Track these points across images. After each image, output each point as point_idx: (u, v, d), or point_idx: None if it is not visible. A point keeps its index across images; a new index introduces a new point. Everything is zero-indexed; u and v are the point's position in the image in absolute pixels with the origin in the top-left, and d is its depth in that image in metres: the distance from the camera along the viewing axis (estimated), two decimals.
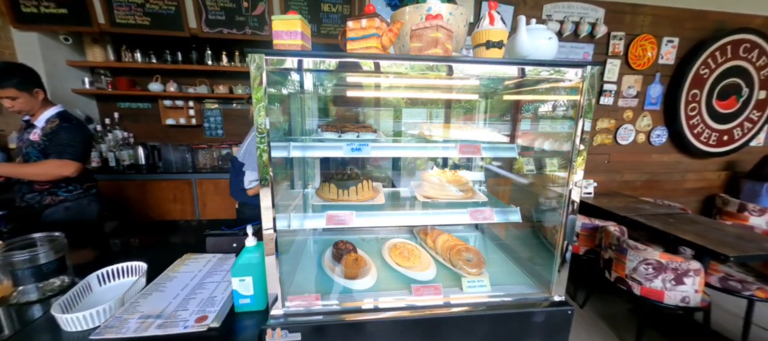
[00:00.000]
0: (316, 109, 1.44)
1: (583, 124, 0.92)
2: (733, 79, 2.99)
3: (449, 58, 0.82)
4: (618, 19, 2.78)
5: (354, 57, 0.77)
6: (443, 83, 1.32)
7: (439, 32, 0.78)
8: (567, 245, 1.00)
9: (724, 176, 3.40)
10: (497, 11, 0.84)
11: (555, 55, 0.92)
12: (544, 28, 0.90)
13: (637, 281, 1.99)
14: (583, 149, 0.93)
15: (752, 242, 1.94)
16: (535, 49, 0.88)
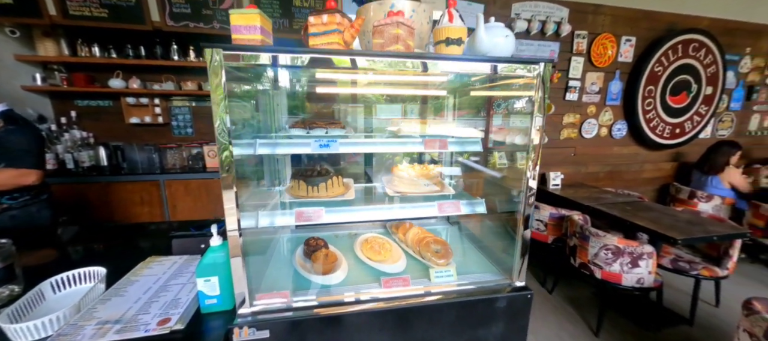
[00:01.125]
0: (288, 105, 1.42)
1: (540, 117, 0.97)
2: (684, 76, 3.23)
3: (408, 54, 0.84)
4: (581, 18, 2.93)
5: (313, 52, 0.78)
6: (412, 80, 1.35)
7: (399, 29, 0.80)
8: (526, 233, 1.05)
9: (676, 166, 3.68)
10: (456, 9, 0.86)
11: (512, 52, 0.96)
12: (501, 26, 0.94)
13: (598, 265, 2.13)
14: (538, 142, 0.98)
15: (698, 226, 2.12)
16: (493, 46, 0.92)
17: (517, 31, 2.79)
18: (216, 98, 0.76)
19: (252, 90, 1.24)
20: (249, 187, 1.18)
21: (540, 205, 2.68)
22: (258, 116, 1.32)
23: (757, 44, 3.47)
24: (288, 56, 0.78)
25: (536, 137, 0.97)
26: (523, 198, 1.03)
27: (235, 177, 0.83)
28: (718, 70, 3.31)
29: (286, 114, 1.39)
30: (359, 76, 1.14)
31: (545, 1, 2.84)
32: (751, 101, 3.63)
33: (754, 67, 3.54)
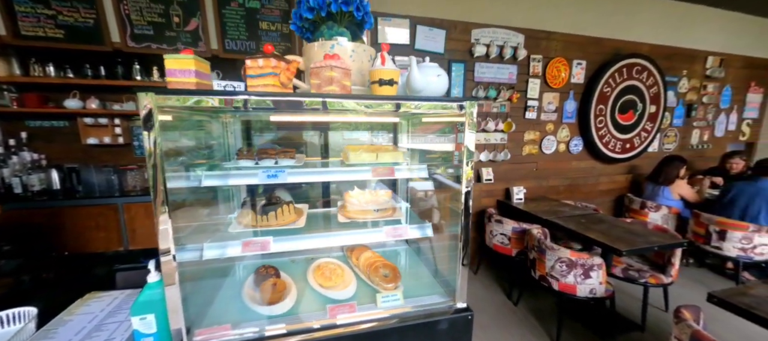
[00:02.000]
0: (245, 132, 1.44)
1: (470, 145, 1.05)
2: (630, 96, 3.52)
3: (337, 95, 0.88)
4: (535, 43, 3.15)
5: (244, 95, 0.81)
6: (364, 110, 1.41)
7: (333, 72, 0.85)
8: (464, 255, 1.11)
9: (631, 178, 3.96)
10: (389, 53, 0.93)
11: (446, 89, 1.04)
12: (435, 66, 1.02)
13: (555, 278, 2.24)
14: (469, 167, 1.05)
15: (641, 237, 2.28)
16: (427, 84, 0.99)
17: (477, 55, 2.95)
18: (149, 141, 0.77)
19: (202, 120, 1.25)
20: (197, 216, 1.18)
21: (503, 219, 2.80)
22: (211, 144, 1.33)
23: (692, 67, 3.85)
24: (227, 98, 0.81)
25: (466, 174, 1.04)
26: (461, 222, 1.10)
27: (175, 208, 0.84)
28: (660, 91, 3.63)
29: (241, 141, 1.40)
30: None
31: (502, 28, 3.03)
32: (691, 118, 3.99)
33: (691, 88, 3.91)
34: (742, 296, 1.52)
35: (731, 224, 2.78)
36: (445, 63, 2.95)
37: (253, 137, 1.51)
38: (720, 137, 4.24)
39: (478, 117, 3.11)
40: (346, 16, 1.04)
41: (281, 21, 2.66)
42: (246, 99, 0.80)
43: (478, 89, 3.04)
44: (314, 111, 0.98)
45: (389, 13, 2.73)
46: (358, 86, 1.06)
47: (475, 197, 3.24)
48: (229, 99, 0.81)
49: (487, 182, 3.22)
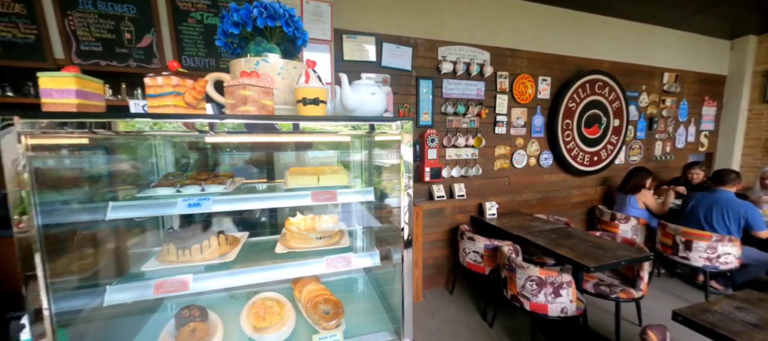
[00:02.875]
0: (178, 156, 1.32)
1: (407, 163, 0.97)
2: (594, 111, 3.62)
3: (245, 116, 0.78)
4: (501, 61, 3.20)
5: (133, 116, 0.70)
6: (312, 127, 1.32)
7: (247, 90, 0.76)
8: (407, 284, 1.02)
9: (603, 190, 4.02)
10: (313, 69, 0.86)
11: (382, 108, 0.97)
12: (370, 84, 0.96)
13: (526, 297, 2.17)
14: (408, 188, 0.98)
15: (609, 251, 2.26)
16: (361, 102, 0.92)
17: (444, 71, 2.96)
18: (17, 170, 0.65)
19: (121, 143, 1.13)
20: (111, 250, 1.04)
21: (475, 236, 2.73)
22: (138, 168, 1.20)
23: (650, 83, 4.03)
24: (119, 121, 0.70)
25: (404, 195, 0.97)
26: (402, 249, 1.01)
27: (73, 244, 0.71)
28: (622, 105, 3.76)
29: (174, 166, 1.28)
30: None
31: (468, 46, 3.07)
32: (653, 131, 4.15)
33: (651, 102, 4.08)
34: (706, 313, 1.49)
35: (695, 234, 2.83)
36: (413, 80, 2.94)
37: (188, 160, 1.38)
38: (681, 148, 4.42)
39: (448, 133, 3.10)
40: (276, 32, 0.97)
41: None
42: (156, 121, 0.69)
43: (447, 104, 3.04)
44: (240, 133, 0.88)
45: (354, 31, 2.71)
46: (288, 106, 0.97)
47: (448, 214, 3.18)
48: (133, 121, 0.70)
49: (460, 198, 3.18)
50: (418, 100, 2.96)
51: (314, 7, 2.38)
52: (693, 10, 3.57)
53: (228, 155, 1.53)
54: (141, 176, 1.20)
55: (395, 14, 2.81)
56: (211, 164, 1.47)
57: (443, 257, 3.21)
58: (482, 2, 3.08)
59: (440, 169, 2.98)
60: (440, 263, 3.22)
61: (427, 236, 3.10)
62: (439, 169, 2.97)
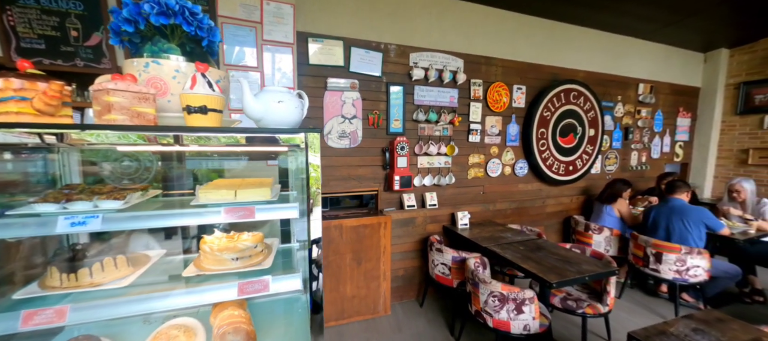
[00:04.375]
0: (84, 166, 1.19)
1: (313, 175, 0.88)
2: (569, 120, 3.60)
3: (95, 126, 0.67)
4: (475, 68, 3.16)
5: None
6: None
7: (112, 96, 0.66)
8: (314, 312, 0.92)
9: (579, 200, 4.00)
10: (203, 74, 0.76)
11: (294, 117, 0.88)
12: (277, 91, 0.86)
13: (489, 313, 2.08)
14: (313, 203, 0.88)
15: (575, 266, 2.20)
16: (266, 112, 0.83)
17: (415, 78, 2.89)
18: None
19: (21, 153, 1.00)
20: None
21: (443, 248, 2.65)
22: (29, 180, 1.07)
23: (625, 93, 4.05)
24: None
25: (310, 204, 0.87)
26: (308, 277, 0.91)
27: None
28: (597, 115, 3.75)
29: (79, 177, 1.15)
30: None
31: (441, 52, 3.02)
32: (629, 141, 4.16)
33: (627, 112, 4.09)
34: (662, 335, 1.42)
35: (666, 246, 2.80)
36: (383, 85, 2.86)
37: (101, 170, 1.26)
38: (657, 158, 4.44)
39: (420, 140, 3.03)
40: (177, 31, 0.87)
41: None
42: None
43: (419, 111, 2.96)
44: (120, 144, 0.78)
45: (321, 34, 2.62)
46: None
47: (419, 224, 3.09)
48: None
49: (432, 208, 3.10)
50: (388, 106, 2.88)
51: (275, 9, 2.28)
52: (666, 22, 3.60)
53: (155, 163, 1.40)
54: (35, 187, 1.07)
55: (365, 19, 2.74)
56: (137, 173, 1.35)
57: (414, 268, 3.12)
58: (456, 9, 3.04)
59: (411, 177, 2.89)
60: (411, 274, 3.12)
61: (397, 246, 3.01)
62: (410, 177, 2.88)
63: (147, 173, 1.58)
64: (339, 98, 2.73)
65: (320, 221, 0.91)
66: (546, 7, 3.22)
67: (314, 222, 0.88)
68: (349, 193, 2.87)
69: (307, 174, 0.86)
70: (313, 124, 2.66)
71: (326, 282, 2.62)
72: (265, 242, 1.18)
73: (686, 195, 3.00)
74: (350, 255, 2.67)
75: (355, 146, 2.83)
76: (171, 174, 1.43)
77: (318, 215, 0.90)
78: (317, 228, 0.89)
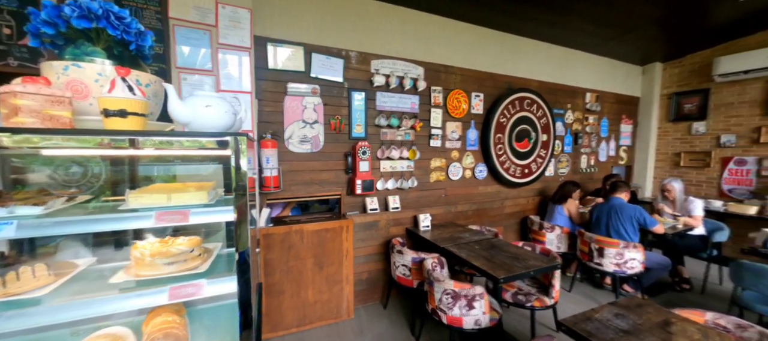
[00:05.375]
0: (13, 171, 1.13)
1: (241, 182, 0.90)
2: (524, 126, 3.84)
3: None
4: (435, 76, 3.29)
5: None
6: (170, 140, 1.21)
7: (21, 99, 0.66)
8: (248, 323, 0.94)
9: (535, 201, 4.25)
10: (124, 78, 0.77)
11: (224, 122, 0.90)
12: (206, 95, 0.88)
13: (443, 310, 2.17)
14: (243, 207, 0.91)
15: (523, 262, 2.35)
16: (194, 116, 0.84)
17: (377, 84, 2.97)
18: None
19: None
20: None
21: (404, 250, 2.72)
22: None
23: (574, 101, 4.39)
24: None
25: (236, 213, 0.90)
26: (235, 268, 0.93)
27: None
28: (549, 121, 4.03)
29: (6, 184, 1.09)
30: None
31: (402, 60, 3.12)
32: (578, 145, 4.49)
33: (576, 119, 4.43)
34: (587, 321, 1.56)
35: (606, 241, 3.05)
36: (345, 91, 2.91)
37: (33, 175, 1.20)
38: (604, 161, 4.83)
39: (382, 145, 3.10)
40: (103, 35, 0.86)
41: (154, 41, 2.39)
42: None
43: (381, 117, 3.04)
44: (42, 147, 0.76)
45: (281, 40, 2.63)
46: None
47: (382, 227, 3.15)
48: None
49: (395, 210, 3.17)
50: (350, 111, 2.93)
51: (231, 13, 2.27)
52: (607, 37, 3.96)
53: (105, 170, 1.35)
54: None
55: (326, 26, 2.78)
56: (84, 179, 1.29)
57: (378, 270, 3.16)
58: (416, 19, 3.16)
59: (373, 181, 2.95)
60: (375, 277, 3.16)
61: (360, 249, 3.04)
62: (372, 181, 2.94)
63: (95, 180, 1.51)
64: (300, 102, 2.74)
65: (248, 227, 0.93)
66: (500, 20, 3.45)
67: (244, 227, 0.90)
68: (311, 197, 2.87)
69: (235, 178, 0.88)
70: (273, 128, 2.65)
71: (287, 287, 2.60)
72: (204, 246, 1.18)
73: (626, 194, 3.30)
74: (312, 260, 2.67)
75: (317, 151, 2.85)
76: (123, 180, 1.39)
77: (248, 219, 0.92)
78: (246, 234, 0.91)
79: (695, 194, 4.50)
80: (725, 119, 4.34)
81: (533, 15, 3.33)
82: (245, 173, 0.89)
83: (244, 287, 0.93)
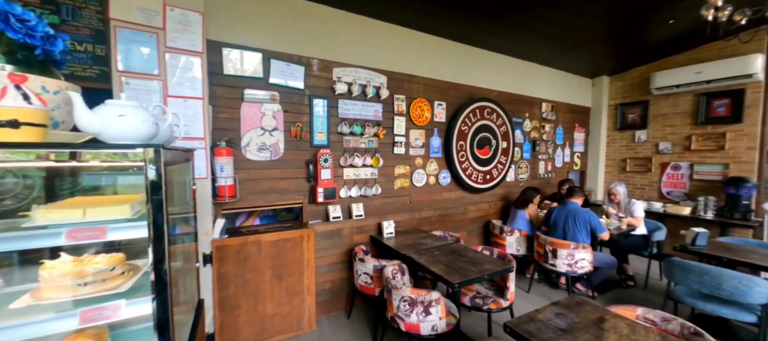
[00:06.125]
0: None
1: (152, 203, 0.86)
2: (485, 134, 4.00)
3: None
4: (398, 85, 3.35)
5: None
6: None
7: None
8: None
9: (501, 205, 4.42)
10: (18, 86, 0.71)
11: (139, 132, 0.86)
12: (119, 105, 0.84)
13: (401, 318, 2.18)
14: (156, 223, 0.87)
15: (478, 266, 2.42)
16: (105, 127, 0.80)
17: (339, 92, 2.97)
18: None
19: None
20: None
21: (365, 258, 2.71)
22: None
23: (532, 111, 4.64)
24: None
25: (154, 231, 0.85)
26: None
27: None
28: (508, 129, 4.23)
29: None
30: None
31: (365, 69, 3.15)
32: (536, 152, 4.75)
33: (533, 127, 4.68)
34: (530, 322, 1.64)
35: (559, 243, 3.23)
36: (306, 98, 2.88)
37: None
38: (560, 167, 5.14)
39: (345, 153, 3.09)
40: (4, 38, 0.79)
41: (92, 42, 2.24)
42: None
43: (343, 124, 3.03)
44: None
45: (238, 45, 2.56)
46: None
47: (346, 235, 3.12)
48: None
49: (358, 218, 3.16)
50: (311, 119, 2.90)
51: (181, 16, 2.18)
52: (558, 52, 4.25)
53: (38, 181, 1.23)
54: None
55: (286, 32, 2.75)
56: (15, 191, 1.16)
57: (342, 279, 3.13)
58: (379, 29, 3.21)
59: (335, 189, 2.93)
60: (339, 286, 3.12)
61: (323, 259, 2.99)
62: (334, 189, 2.92)
63: (28, 191, 1.37)
64: (258, 109, 2.67)
65: (164, 238, 0.89)
66: (463, 33, 3.59)
67: (160, 243, 0.86)
68: (270, 207, 2.80)
69: (149, 193, 0.83)
70: (229, 136, 2.56)
71: (243, 301, 2.49)
72: (129, 264, 1.10)
73: (580, 199, 3.51)
74: (270, 271, 2.58)
75: (277, 159, 2.78)
76: (60, 192, 1.27)
77: (164, 235, 0.87)
78: (162, 250, 0.87)
79: (639, 196, 4.90)
80: (662, 128, 4.78)
81: (492, 30, 3.50)
82: (160, 185, 0.84)
83: (161, 307, 0.88)
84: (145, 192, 0.82)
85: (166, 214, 0.86)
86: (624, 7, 3.22)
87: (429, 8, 3.02)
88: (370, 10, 3.05)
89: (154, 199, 0.84)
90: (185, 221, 1.51)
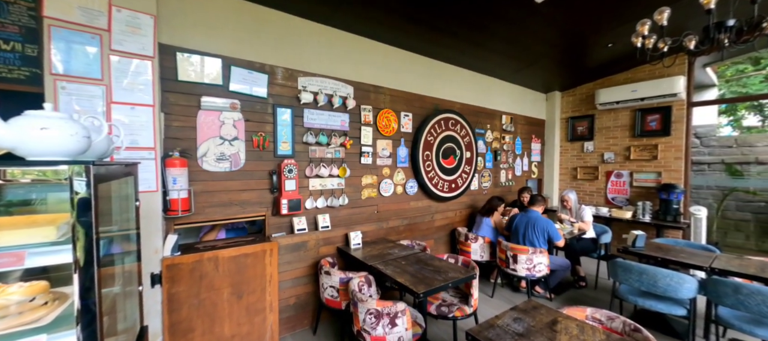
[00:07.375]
0: None
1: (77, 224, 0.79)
2: (450, 144, 4.14)
3: None
4: (365, 95, 3.38)
5: None
6: None
7: None
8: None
9: (466, 213, 4.56)
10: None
11: (66, 147, 0.78)
12: (40, 117, 0.75)
13: (368, 331, 2.15)
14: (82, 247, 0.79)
15: (442, 274, 2.47)
16: (23, 140, 0.71)
17: (304, 101, 2.92)
18: None
19: None
20: None
21: (331, 271, 2.66)
22: None
23: (493, 122, 4.90)
24: None
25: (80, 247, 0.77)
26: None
27: None
28: (472, 140, 4.41)
29: None
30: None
31: (331, 79, 3.13)
32: (498, 161, 5.00)
33: (495, 138, 4.93)
34: (490, 329, 1.69)
35: (518, 249, 3.40)
36: (270, 107, 2.80)
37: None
38: (519, 175, 5.45)
39: (311, 163, 3.03)
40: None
41: (22, 40, 2.00)
42: None
43: (309, 134, 2.98)
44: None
45: (194, 50, 2.43)
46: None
47: (312, 247, 3.04)
48: None
49: (324, 229, 3.09)
50: (275, 128, 2.82)
51: (129, 18, 2.03)
52: (514, 68, 4.55)
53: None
54: None
55: (247, 39, 2.66)
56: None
57: (307, 294, 3.02)
58: (344, 39, 3.23)
59: (300, 200, 2.85)
60: (304, 301, 3.01)
61: (287, 273, 2.88)
62: (299, 200, 2.84)
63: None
64: (216, 118, 2.54)
65: (95, 269, 0.80)
66: (425, 47, 3.72)
67: (88, 270, 0.78)
68: (229, 220, 2.65)
69: (76, 214, 0.75)
70: (183, 145, 2.40)
71: (197, 324, 2.31)
72: (54, 292, 0.98)
73: (541, 208, 3.73)
74: (229, 289, 2.43)
75: (238, 169, 2.66)
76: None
77: (93, 261, 0.79)
78: (89, 277, 0.78)
79: (589, 202, 5.33)
80: (606, 139, 5.27)
81: (454, 45, 3.66)
82: (90, 206, 0.77)
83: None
84: (71, 212, 0.74)
85: (95, 236, 0.77)
86: (570, 29, 3.54)
87: (391, 22, 3.10)
88: (334, 21, 3.06)
89: (82, 220, 0.76)
90: (126, 239, 1.38)
